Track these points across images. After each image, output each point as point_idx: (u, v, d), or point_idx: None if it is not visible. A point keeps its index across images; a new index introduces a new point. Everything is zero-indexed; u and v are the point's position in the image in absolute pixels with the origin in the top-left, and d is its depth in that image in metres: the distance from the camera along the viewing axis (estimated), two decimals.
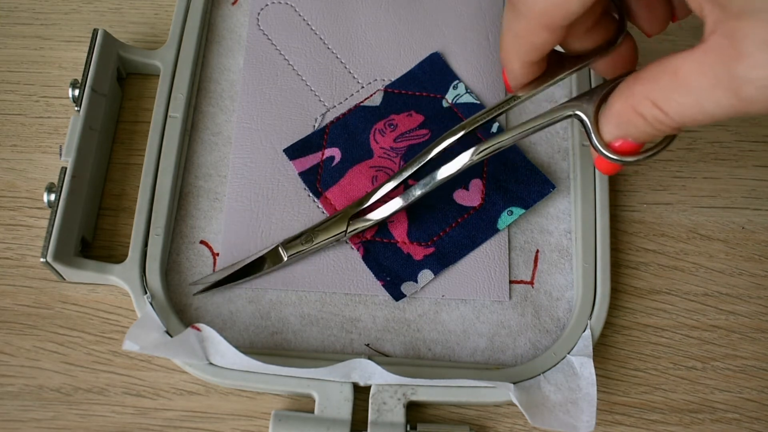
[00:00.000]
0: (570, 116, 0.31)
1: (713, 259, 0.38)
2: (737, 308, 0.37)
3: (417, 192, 0.34)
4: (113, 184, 0.37)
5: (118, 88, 0.39)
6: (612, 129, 0.29)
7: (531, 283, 0.36)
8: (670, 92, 0.25)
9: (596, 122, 0.30)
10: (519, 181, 0.37)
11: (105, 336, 0.35)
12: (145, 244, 0.34)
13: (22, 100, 0.40)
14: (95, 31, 0.36)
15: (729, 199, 0.39)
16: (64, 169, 0.34)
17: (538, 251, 0.37)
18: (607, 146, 0.29)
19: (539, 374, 0.33)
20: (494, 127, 0.38)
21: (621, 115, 0.28)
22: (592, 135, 0.30)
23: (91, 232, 0.36)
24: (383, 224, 0.36)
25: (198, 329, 0.32)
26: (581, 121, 0.30)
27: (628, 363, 0.35)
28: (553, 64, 0.31)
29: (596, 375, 0.33)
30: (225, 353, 0.32)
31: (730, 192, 0.39)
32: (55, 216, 0.33)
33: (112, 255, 0.36)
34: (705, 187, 0.39)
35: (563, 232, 0.37)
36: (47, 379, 0.34)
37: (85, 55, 0.36)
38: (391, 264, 0.36)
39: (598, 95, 0.30)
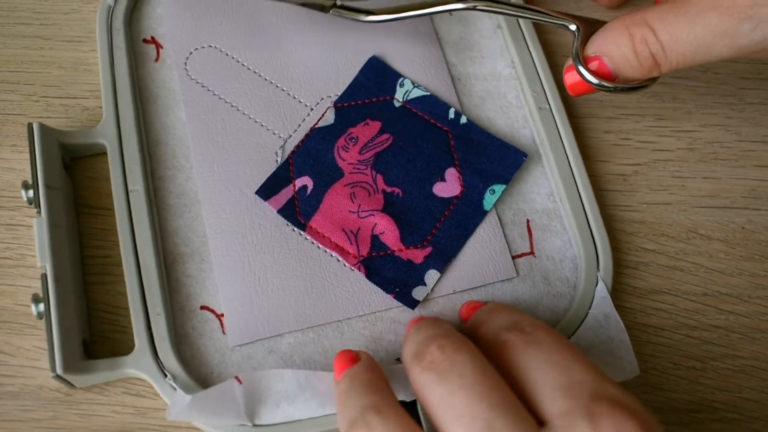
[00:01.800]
0: (564, 26, 0.33)
1: (713, 259, 0.38)
2: (737, 308, 0.37)
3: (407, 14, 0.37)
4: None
5: (67, 176, 0.37)
6: (597, 43, 0.30)
7: (532, 253, 0.37)
8: (668, 15, 0.27)
9: (586, 39, 0.30)
10: (491, 158, 0.38)
11: (104, 336, 0.34)
12: (149, 327, 0.33)
13: (22, 100, 0.40)
14: (30, 126, 0.35)
15: (729, 199, 0.39)
16: (44, 277, 0.32)
17: (528, 221, 0.37)
18: (584, 60, 0.30)
19: (569, 338, 0.34)
20: (451, 113, 0.39)
21: (611, 31, 0.29)
22: (575, 46, 0.31)
23: (88, 330, 0.34)
24: (375, 238, 0.36)
25: (240, 381, 0.31)
26: (573, 31, 0.33)
27: None
28: None
29: None
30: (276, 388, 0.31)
31: (730, 192, 0.39)
32: (52, 326, 0.31)
33: (117, 347, 0.34)
34: (705, 187, 0.39)
35: (546, 196, 0.38)
36: (47, 379, 0.33)
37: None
38: (395, 274, 0.35)
39: (600, 24, 0.33)
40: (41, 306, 0.32)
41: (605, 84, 0.32)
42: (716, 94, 0.41)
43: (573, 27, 0.33)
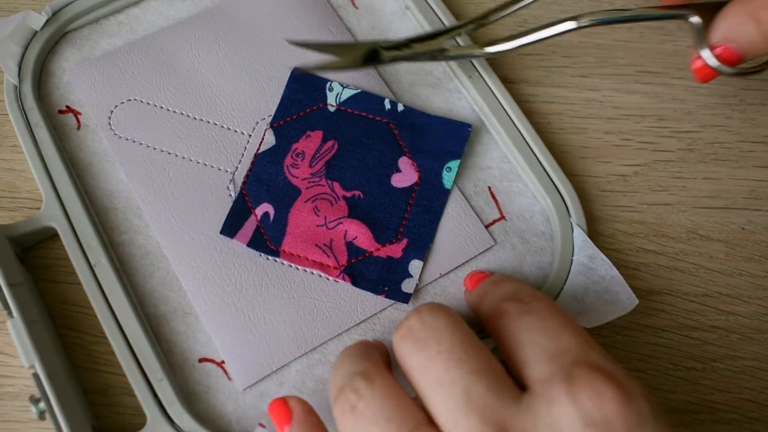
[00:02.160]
0: (682, 16, 0.33)
1: (713, 259, 0.37)
2: (737, 309, 0.37)
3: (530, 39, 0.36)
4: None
5: (24, 269, 0.35)
6: (721, 30, 0.30)
7: (502, 217, 0.37)
8: None
9: (707, 25, 0.31)
10: (438, 138, 0.38)
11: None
12: (155, 395, 0.32)
13: None
14: None
15: (729, 200, 0.39)
16: (36, 376, 0.31)
17: (490, 187, 0.38)
18: (710, 48, 0.30)
19: (561, 288, 0.35)
20: (387, 103, 0.39)
21: (735, 15, 0.30)
22: (699, 36, 0.32)
23: (92, 416, 0.33)
24: (350, 244, 0.36)
25: (264, 426, 0.31)
26: (692, 22, 0.33)
27: (627, 363, 0.35)
28: None
29: None
30: None
31: (730, 192, 0.39)
32: (60, 424, 0.30)
33: (127, 425, 0.33)
34: (705, 187, 0.39)
35: (500, 159, 0.38)
36: None
37: None
38: (379, 275, 0.35)
39: (716, 6, 0.32)
40: (41, 405, 0.30)
41: (731, 70, 0.32)
42: (716, 94, 0.41)
43: (694, 19, 0.33)
